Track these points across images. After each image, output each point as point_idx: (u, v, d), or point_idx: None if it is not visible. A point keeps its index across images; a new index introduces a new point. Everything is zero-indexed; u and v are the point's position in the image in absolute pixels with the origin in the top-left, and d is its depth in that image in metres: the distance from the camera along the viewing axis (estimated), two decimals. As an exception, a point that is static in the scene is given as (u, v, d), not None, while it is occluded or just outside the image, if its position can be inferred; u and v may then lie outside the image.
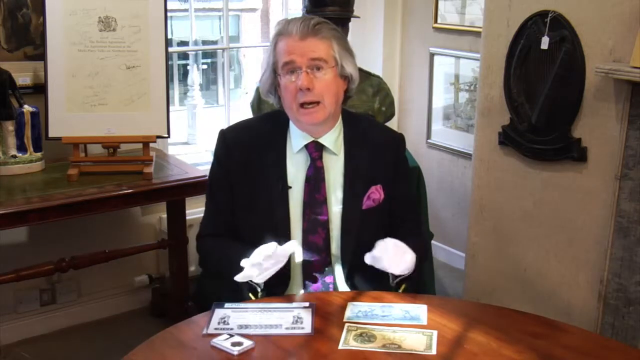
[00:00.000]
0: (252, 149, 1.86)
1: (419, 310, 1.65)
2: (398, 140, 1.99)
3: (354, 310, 1.65)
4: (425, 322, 1.60)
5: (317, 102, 1.77)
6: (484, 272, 2.95)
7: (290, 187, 1.84)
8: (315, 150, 1.85)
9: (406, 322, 1.60)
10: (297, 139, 1.86)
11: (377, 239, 1.86)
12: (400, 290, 1.80)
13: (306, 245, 1.84)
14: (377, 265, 1.71)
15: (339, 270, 1.88)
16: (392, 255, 1.69)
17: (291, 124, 1.87)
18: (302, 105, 1.77)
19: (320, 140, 1.85)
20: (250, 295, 1.76)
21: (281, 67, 1.78)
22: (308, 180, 1.84)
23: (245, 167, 1.85)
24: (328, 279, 1.86)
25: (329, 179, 1.85)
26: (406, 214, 1.97)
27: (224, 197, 1.89)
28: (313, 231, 1.84)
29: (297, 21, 1.79)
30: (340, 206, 1.86)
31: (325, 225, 1.85)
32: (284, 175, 1.84)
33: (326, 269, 1.86)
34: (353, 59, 1.85)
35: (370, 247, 1.85)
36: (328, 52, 1.77)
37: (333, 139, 1.87)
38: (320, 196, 1.84)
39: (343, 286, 1.88)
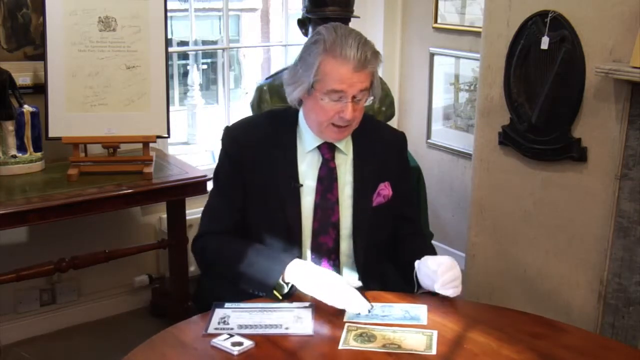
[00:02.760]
0: (261, 146, 1.84)
1: (419, 310, 1.65)
2: (401, 138, 2.00)
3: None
4: (425, 322, 1.60)
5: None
6: (484, 272, 2.95)
7: (302, 185, 1.82)
8: (328, 152, 1.85)
9: (406, 322, 1.60)
10: (309, 139, 1.84)
11: (388, 237, 1.89)
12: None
13: (316, 246, 1.84)
14: (426, 281, 1.73)
15: (346, 271, 1.88)
16: (446, 281, 1.71)
17: (302, 124, 1.85)
18: (333, 123, 1.77)
19: (334, 142, 1.85)
20: (276, 293, 1.69)
21: (327, 90, 1.72)
22: (320, 180, 1.83)
23: (256, 165, 1.83)
24: None
25: (340, 178, 1.85)
26: (408, 213, 1.98)
27: (236, 194, 1.84)
28: (324, 232, 1.84)
29: (352, 44, 1.70)
30: (351, 204, 1.85)
31: (337, 225, 1.84)
32: (295, 174, 1.83)
33: (334, 270, 1.84)
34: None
35: (381, 246, 1.87)
36: (371, 81, 1.76)
37: (344, 140, 1.87)
38: (333, 196, 1.84)
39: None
